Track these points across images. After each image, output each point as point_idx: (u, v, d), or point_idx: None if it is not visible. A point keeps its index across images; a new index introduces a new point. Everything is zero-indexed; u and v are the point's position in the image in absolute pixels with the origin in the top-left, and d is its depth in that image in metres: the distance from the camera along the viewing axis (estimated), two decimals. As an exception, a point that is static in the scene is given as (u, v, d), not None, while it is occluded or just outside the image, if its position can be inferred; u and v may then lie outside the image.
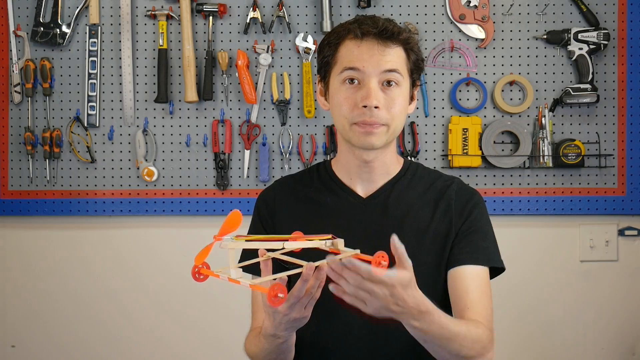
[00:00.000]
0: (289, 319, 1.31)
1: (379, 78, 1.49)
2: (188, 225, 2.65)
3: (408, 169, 1.62)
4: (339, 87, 1.51)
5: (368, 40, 1.49)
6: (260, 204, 1.65)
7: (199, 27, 2.62)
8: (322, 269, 1.23)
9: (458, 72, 2.62)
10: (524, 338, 2.66)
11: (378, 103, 1.47)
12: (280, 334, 1.37)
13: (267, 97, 2.62)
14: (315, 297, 1.28)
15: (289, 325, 1.33)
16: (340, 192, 1.59)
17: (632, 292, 2.68)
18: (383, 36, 1.49)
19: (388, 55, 1.49)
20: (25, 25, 2.62)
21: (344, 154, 1.59)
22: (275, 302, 1.20)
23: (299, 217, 1.58)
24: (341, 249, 1.28)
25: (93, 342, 2.68)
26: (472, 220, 1.58)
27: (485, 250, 1.57)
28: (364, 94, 1.48)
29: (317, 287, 1.26)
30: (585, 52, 2.57)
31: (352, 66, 1.49)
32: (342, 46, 1.52)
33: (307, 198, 1.61)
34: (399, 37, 1.50)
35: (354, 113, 1.49)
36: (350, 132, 1.51)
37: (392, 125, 1.50)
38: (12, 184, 2.64)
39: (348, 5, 2.61)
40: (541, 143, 2.58)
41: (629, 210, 2.63)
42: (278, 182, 1.69)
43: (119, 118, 2.63)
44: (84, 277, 2.68)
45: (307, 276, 1.22)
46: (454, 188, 1.60)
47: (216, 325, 2.66)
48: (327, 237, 1.28)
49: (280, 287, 1.19)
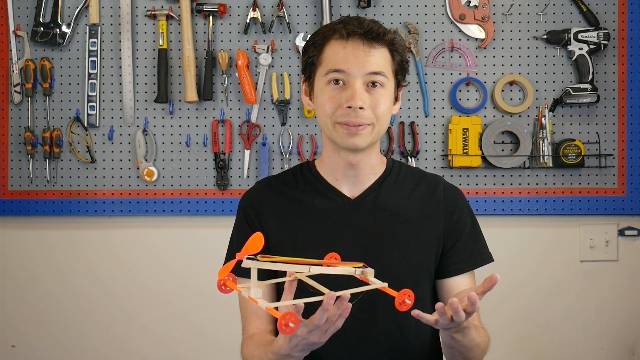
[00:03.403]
0: (306, 343, 1.30)
1: (363, 79, 1.48)
2: (188, 225, 2.65)
3: (392, 168, 1.62)
4: (324, 87, 1.51)
5: (353, 41, 1.49)
6: (246, 204, 1.62)
7: (199, 27, 2.62)
8: (344, 299, 1.22)
9: (458, 72, 2.62)
10: (524, 338, 2.66)
11: (363, 104, 1.47)
12: (294, 354, 1.35)
13: (267, 97, 2.62)
14: (336, 326, 1.27)
15: (305, 348, 1.32)
16: (328, 193, 1.58)
17: (632, 292, 2.68)
18: (368, 37, 1.49)
19: (373, 57, 1.49)
20: (25, 25, 2.62)
21: (329, 156, 1.58)
22: (285, 331, 1.18)
23: (287, 219, 1.57)
24: (370, 280, 1.29)
25: (93, 342, 2.68)
26: (463, 222, 1.60)
27: (479, 251, 1.61)
28: (348, 94, 1.48)
29: (338, 316, 1.25)
30: (585, 52, 2.57)
31: (337, 68, 1.49)
32: (327, 47, 1.51)
33: (294, 200, 1.59)
34: (384, 38, 1.50)
35: (338, 113, 1.49)
36: (334, 132, 1.51)
37: (377, 125, 1.50)
38: (12, 184, 2.64)
39: (348, 5, 2.61)
40: (541, 143, 2.58)
41: (629, 210, 2.63)
42: (261, 183, 1.66)
43: (119, 118, 2.63)
44: (84, 277, 2.68)
45: (328, 306, 1.22)
46: (441, 188, 1.62)
47: (216, 324, 2.66)
48: (359, 265, 1.29)
49: (292, 316, 1.18)
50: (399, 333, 1.54)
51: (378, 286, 1.27)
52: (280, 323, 1.18)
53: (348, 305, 1.23)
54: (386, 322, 1.52)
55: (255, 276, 1.25)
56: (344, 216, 1.56)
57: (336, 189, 1.58)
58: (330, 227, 1.54)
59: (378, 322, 1.52)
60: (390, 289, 1.28)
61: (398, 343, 1.54)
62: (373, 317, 1.51)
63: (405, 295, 1.26)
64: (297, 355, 1.35)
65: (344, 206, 1.57)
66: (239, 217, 1.63)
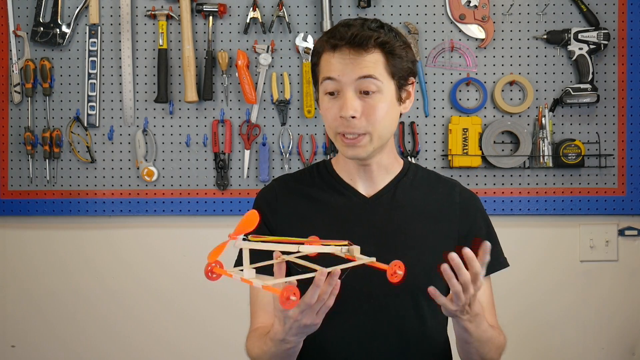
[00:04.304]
0: (299, 325, 1.30)
1: (354, 86, 1.47)
2: (188, 225, 2.65)
3: (409, 169, 1.62)
4: (323, 97, 1.52)
5: (340, 51, 1.48)
6: (261, 202, 1.62)
7: (199, 27, 2.61)
8: (335, 275, 1.22)
9: (458, 72, 2.62)
10: (524, 337, 2.66)
11: (355, 112, 1.46)
12: (290, 339, 1.35)
13: (267, 97, 2.62)
14: (328, 304, 1.27)
15: (300, 331, 1.33)
16: (344, 191, 1.59)
17: (632, 292, 2.69)
18: (354, 45, 1.46)
19: (362, 62, 1.46)
20: (25, 25, 2.62)
21: (342, 156, 1.59)
22: (287, 305, 1.17)
23: (302, 216, 1.58)
24: (357, 256, 1.28)
25: (93, 341, 2.68)
26: (478, 227, 1.60)
27: (495, 255, 1.58)
28: (340, 104, 1.48)
29: (329, 293, 1.25)
30: (585, 52, 2.57)
31: (329, 76, 1.48)
32: (323, 55, 1.51)
33: (310, 197, 1.60)
34: (373, 42, 1.47)
35: (336, 123, 1.49)
36: (337, 142, 1.52)
37: (375, 132, 1.49)
38: (12, 184, 2.64)
39: (348, 5, 2.61)
40: (541, 143, 2.58)
41: (629, 210, 2.63)
42: (277, 181, 1.67)
43: (119, 118, 2.63)
44: (84, 277, 2.68)
45: (319, 282, 1.22)
46: (457, 191, 1.62)
47: (217, 322, 2.66)
48: (344, 244, 1.28)
49: (292, 289, 1.17)
50: (408, 332, 1.54)
51: (366, 261, 1.26)
52: (282, 297, 1.17)
53: (338, 281, 1.23)
54: (395, 320, 1.52)
55: (248, 257, 1.24)
56: (359, 214, 1.56)
57: (352, 187, 1.58)
58: (346, 224, 1.54)
59: (387, 320, 1.52)
60: (379, 263, 1.27)
61: (407, 341, 1.54)
62: (382, 314, 1.51)
63: (396, 267, 1.26)
64: (293, 340, 1.36)
65: (360, 204, 1.57)
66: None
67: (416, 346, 1.55)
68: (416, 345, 1.55)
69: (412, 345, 1.54)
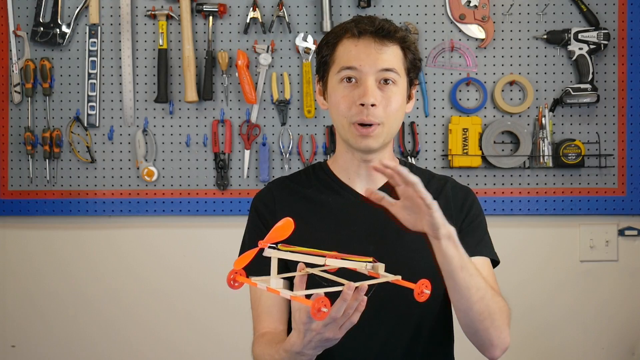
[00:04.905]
0: (320, 338, 1.26)
1: (375, 76, 1.49)
2: (188, 225, 2.65)
3: None
4: (337, 86, 1.52)
5: (365, 39, 1.50)
6: (259, 203, 1.62)
7: (199, 27, 2.61)
8: (362, 290, 1.19)
9: (458, 72, 2.62)
10: (524, 338, 2.66)
11: (375, 101, 1.48)
12: (307, 352, 1.31)
13: (267, 97, 2.62)
14: (352, 320, 1.24)
15: (319, 345, 1.29)
16: (341, 191, 1.59)
17: (632, 292, 2.68)
18: (380, 35, 1.49)
19: (385, 54, 1.49)
20: (25, 25, 2.62)
21: (342, 154, 1.59)
22: (318, 316, 1.14)
23: (301, 217, 1.56)
24: (381, 274, 1.26)
25: (93, 341, 2.68)
26: (472, 216, 1.60)
27: (488, 243, 1.60)
28: (361, 92, 1.48)
29: (354, 309, 1.22)
30: (585, 52, 2.57)
31: (350, 65, 1.49)
32: (339, 45, 1.52)
33: (307, 198, 1.60)
34: (396, 36, 1.51)
35: (352, 111, 1.49)
36: (348, 132, 1.52)
37: (388, 123, 1.51)
38: (12, 184, 2.64)
39: (348, 5, 2.61)
40: (541, 143, 2.58)
41: (629, 210, 2.63)
42: (274, 183, 1.67)
43: (119, 118, 2.63)
44: (84, 277, 2.68)
45: (347, 296, 1.19)
46: (449, 186, 1.62)
47: (217, 322, 2.66)
48: (368, 260, 1.26)
49: (324, 300, 1.14)
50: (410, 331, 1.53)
51: (391, 279, 1.24)
52: (313, 309, 1.14)
53: (364, 297, 1.21)
54: (396, 319, 1.52)
55: (276, 266, 1.21)
56: (357, 213, 1.56)
57: (349, 186, 1.59)
58: (344, 223, 1.54)
59: (386, 320, 1.51)
60: (406, 281, 1.26)
61: (408, 340, 1.53)
62: (383, 315, 1.51)
63: (423, 285, 1.25)
64: (310, 354, 1.32)
65: (357, 203, 1.56)
66: (252, 216, 1.62)
67: (417, 346, 1.55)
68: (417, 345, 1.55)
69: (412, 344, 1.54)
